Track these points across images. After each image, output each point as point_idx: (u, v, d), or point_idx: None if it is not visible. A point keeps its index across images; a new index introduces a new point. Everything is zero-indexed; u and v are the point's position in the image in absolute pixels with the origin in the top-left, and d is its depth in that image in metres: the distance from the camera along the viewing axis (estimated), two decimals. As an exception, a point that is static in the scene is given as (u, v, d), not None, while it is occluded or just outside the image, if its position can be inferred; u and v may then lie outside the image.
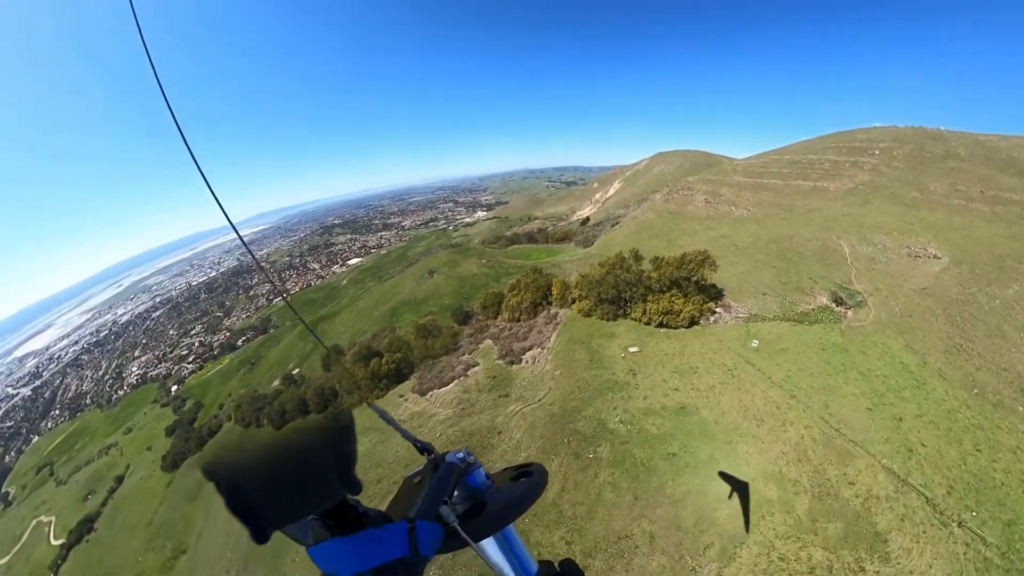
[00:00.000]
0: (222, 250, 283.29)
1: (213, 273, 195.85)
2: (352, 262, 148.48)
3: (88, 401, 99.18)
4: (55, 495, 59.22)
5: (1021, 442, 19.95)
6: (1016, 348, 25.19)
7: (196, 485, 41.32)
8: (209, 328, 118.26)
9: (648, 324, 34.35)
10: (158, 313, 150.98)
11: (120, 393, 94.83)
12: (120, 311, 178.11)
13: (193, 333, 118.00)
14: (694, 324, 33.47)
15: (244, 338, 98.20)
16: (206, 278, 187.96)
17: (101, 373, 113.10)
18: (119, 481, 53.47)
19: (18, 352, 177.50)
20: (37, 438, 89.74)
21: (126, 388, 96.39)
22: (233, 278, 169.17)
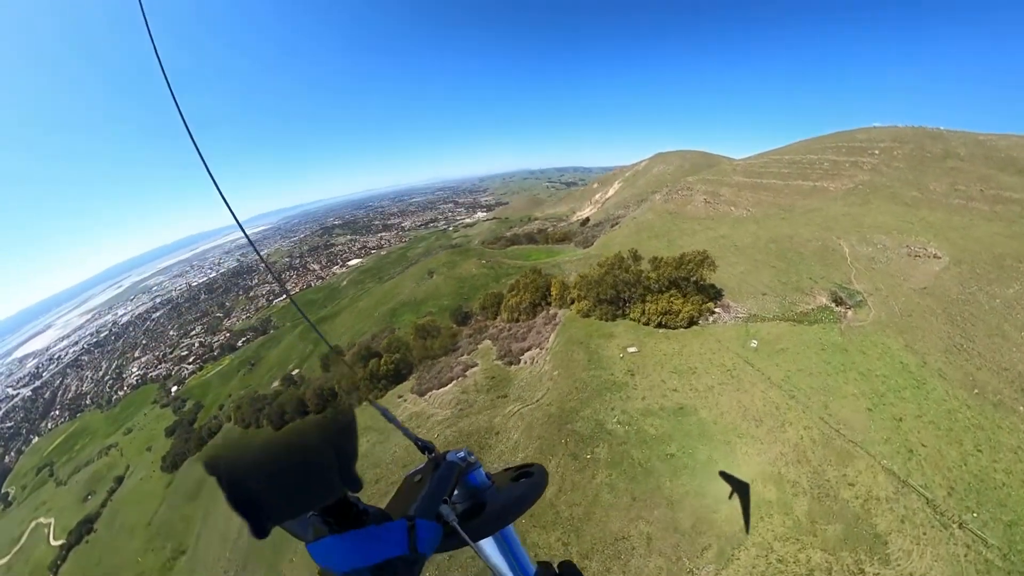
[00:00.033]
0: (222, 251, 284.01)
1: (213, 274, 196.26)
2: (352, 263, 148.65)
3: (88, 402, 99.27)
4: (55, 496, 59.25)
5: (1022, 442, 19.82)
6: (1017, 347, 25.07)
7: (196, 485, 41.30)
8: (209, 329, 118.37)
9: (647, 324, 34.27)
10: (158, 314, 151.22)
11: (120, 394, 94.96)
12: (120, 312, 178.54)
13: (193, 334, 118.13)
14: (693, 324, 33.38)
15: (244, 339, 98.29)
16: (206, 279, 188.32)
17: (101, 374, 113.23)
18: (119, 482, 53.47)
19: (18, 353, 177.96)
20: (37, 439, 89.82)
21: (126, 389, 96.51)
22: (233, 279, 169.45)
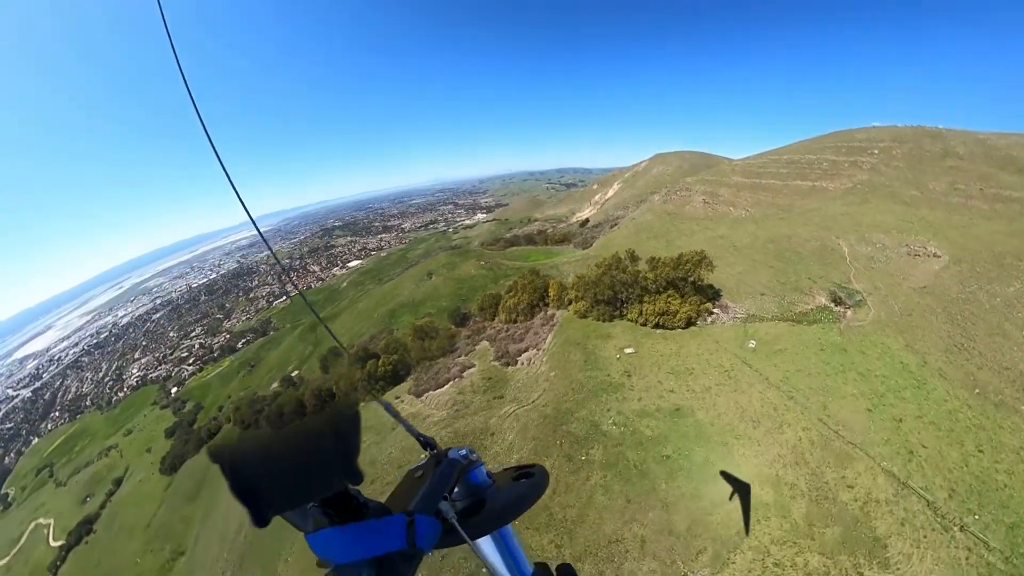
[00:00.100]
0: (222, 252, 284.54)
1: (213, 275, 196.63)
2: (352, 264, 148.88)
3: (88, 403, 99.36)
4: (54, 497, 59.23)
5: (1024, 443, 19.59)
6: (1018, 346, 24.82)
7: (195, 487, 41.23)
8: (209, 330, 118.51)
9: (644, 325, 34.06)
10: (158, 315, 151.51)
11: (120, 395, 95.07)
12: (120, 313, 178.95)
13: (193, 335, 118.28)
14: (691, 325, 33.16)
15: (244, 340, 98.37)
16: (206, 280, 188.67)
17: (101, 375, 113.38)
18: (118, 483, 53.43)
19: (18, 354, 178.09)
20: (37, 440, 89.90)
21: (126, 390, 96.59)
22: (233, 280, 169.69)
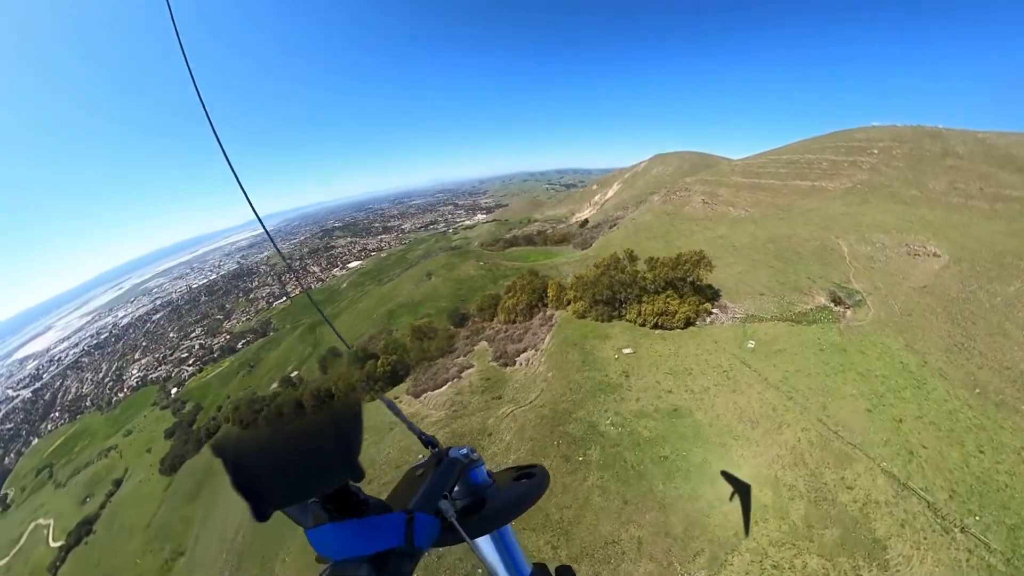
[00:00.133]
0: (222, 253, 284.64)
1: (213, 276, 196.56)
2: (352, 265, 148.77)
3: (88, 403, 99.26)
4: (54, 497, 59.08)
5: (1025, 444, 19.43)
6: (1019, 346, 24.68)
7: (195, 487, 41.17)
8: (209, 331, 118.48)
9: (643, 325, 33.93)
10: (158, 316, 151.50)
11: (120, 395, 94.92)
12: (120, 314, 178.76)
13: (193, 336, 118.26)
14: (690, 325, 33.02)
15: (244, 341, 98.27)
16: (206, 281, 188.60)
17: (101, 375, 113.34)
18: (118, 484, 53.25)
19: (18, 354, 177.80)
20: (37, 440, 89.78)
21: (126, 390, 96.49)
22: (233, 281, 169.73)
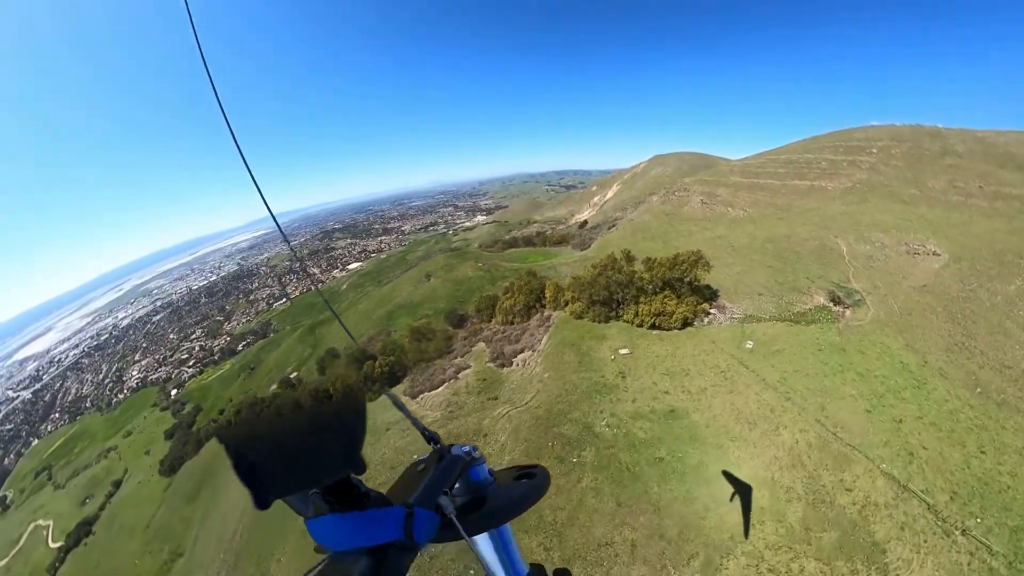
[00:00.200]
0: (222, 254, 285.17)
1: (214, 277, 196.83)
2: (352, 266, 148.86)
3: (88, 404, 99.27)
4: (53, 499, 58.98)
5: (1027, 444, 19.13)
6: (1020, 345, 24.43)
7: (195, 487, 41.12)
8: (209, 332, 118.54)
9: (640, 326, 33.72)
10: (159, 317, 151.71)
11: (120, 397, 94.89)
12: (121, 315, 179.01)
13: (193, 337, 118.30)
14: (687, 325, 32.80)
15: (244, 342, 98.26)
16: (207, 282, 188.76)
17: (101, 377, 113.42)
18: (117, 485, 53.16)
19: (19, 355, 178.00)
20: (36, 441, 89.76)
21: (126, 392, 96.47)
22: (233, 282, 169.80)
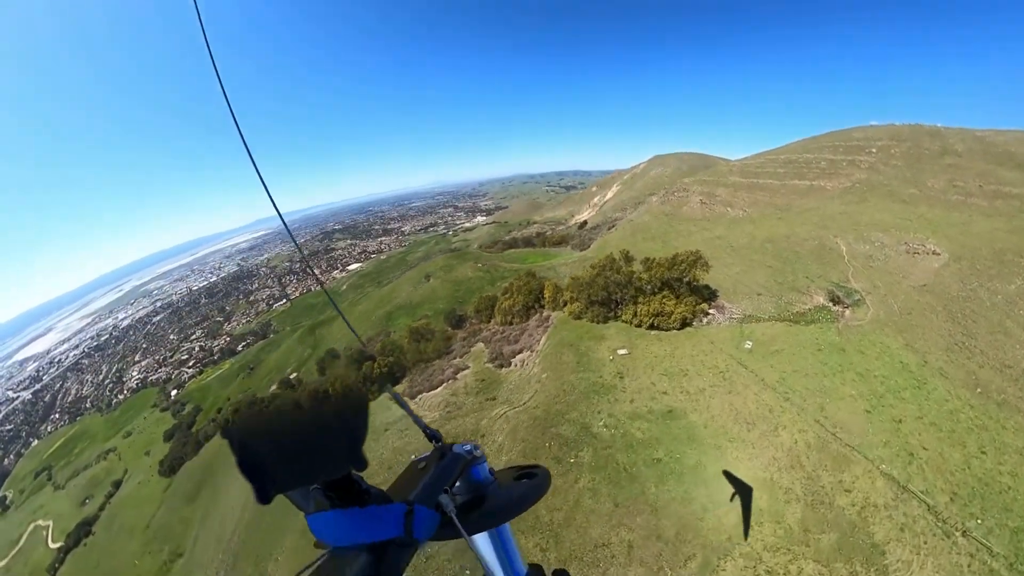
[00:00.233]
0: (222, 255, 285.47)
1: (214, 278, 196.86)
2: (352, 267, 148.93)
3: (88, 405, 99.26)
4: (53, 499, 58.95)
5: (1028, 444, 18.97)
6: (1020, 344, 24.29)
7: (194, 488, 41.11)
8: (209, 333, 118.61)
9: (639, 326, 33.62)
10: (159, 318, 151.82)
11: (120, 397, 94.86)
12: (121, 315, 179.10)
13: (193, 338, 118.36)
14: (686, 326, 32.69)
15: (244, 343, 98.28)
16: (207, 283, 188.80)
17: (101, 377, 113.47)
18: (116, 486, 53.15)
19: (19, 356, 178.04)
20: (36, 442, 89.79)
21: (126, 392, 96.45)
22: (234, 283, 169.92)
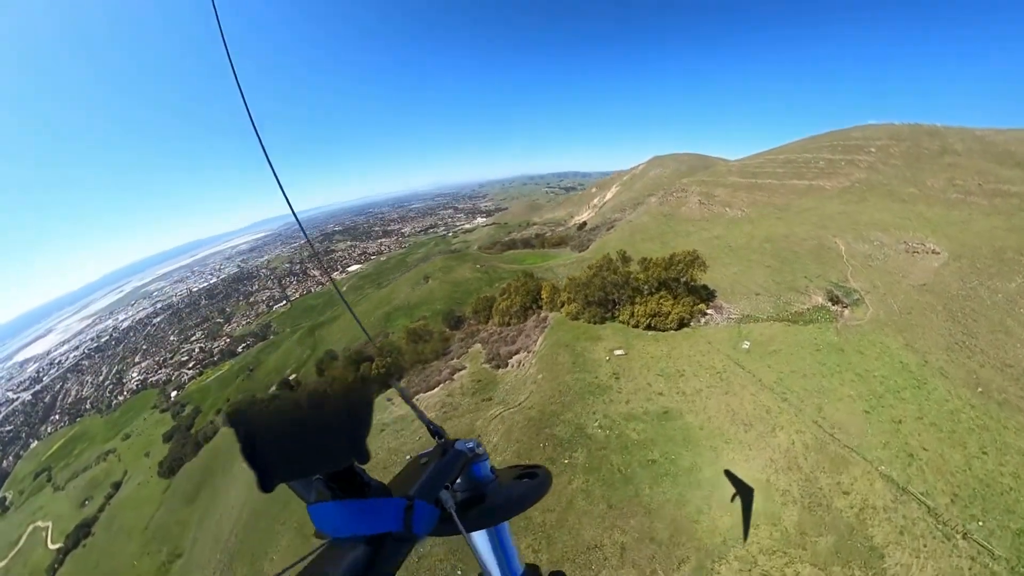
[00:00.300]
0: (223, 257, 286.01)
1: (214, 279, 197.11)
2: (352, 268, 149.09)
3: (88, 406, 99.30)
4: (52, 500, 58.91)
5: (1030, 445, 18.68)
6: (1021, 343, 24.05)
7: (194, 489, 41.06)
8: (209, 334, 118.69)
9: (636, 327, 33.38)
10: (159, 319, 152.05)
11: (120, 398, 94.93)
12: (121, 317, 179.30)
13: (193, 339, 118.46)
14: (683, 326, 32.44)
15: (244, 344, 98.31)
16: (207, 284, 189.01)
17: (101, 378, 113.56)
18: (116, 487, 53.13)
19: (19, 356, 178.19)
20: (36, 443, 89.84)
21: (126, 393, 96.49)
22: (234, 285, 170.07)
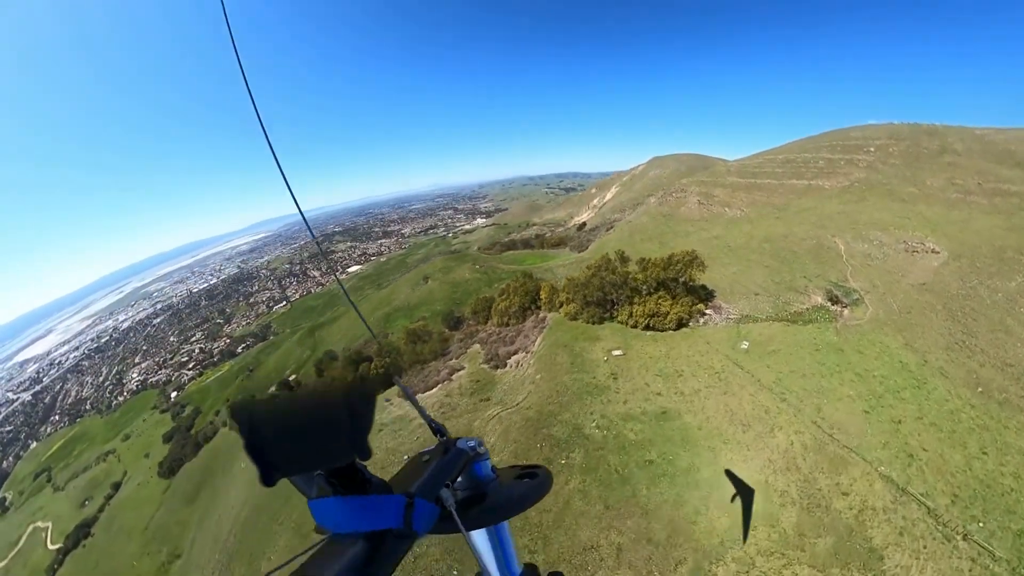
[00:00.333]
0: (223, 257, 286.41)
1: (214, 280, 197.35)
2: (352, 269, 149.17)
3: (88, 407, 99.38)
4: (52, 501, 58.94)
5: (1031, 445, 18.54)
6: (1022, 342, 23.91)
7: (193, 489, 41.05)
8: (209, 335, 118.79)
9: (634, 327, 33.28)
10: (159, 320, 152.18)
11: (120, 399, 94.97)
12: (121, 317, 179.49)
13: (193, 340, 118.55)
14: (682, 326, 32.34)
15: (244, 345, 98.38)
16: (207, 285, 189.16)
17: (101, 379, 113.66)
18: (116, 487, 53.19)
19: (19, 357, 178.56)
20: (35, 444, 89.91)
21: (126, 394, 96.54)
22: (234, 285, 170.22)
